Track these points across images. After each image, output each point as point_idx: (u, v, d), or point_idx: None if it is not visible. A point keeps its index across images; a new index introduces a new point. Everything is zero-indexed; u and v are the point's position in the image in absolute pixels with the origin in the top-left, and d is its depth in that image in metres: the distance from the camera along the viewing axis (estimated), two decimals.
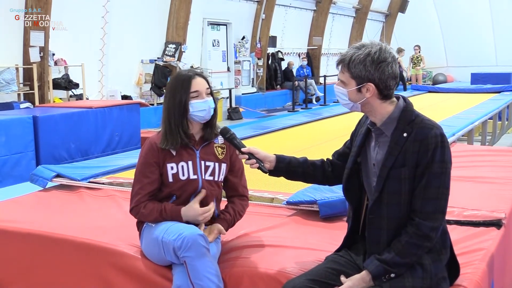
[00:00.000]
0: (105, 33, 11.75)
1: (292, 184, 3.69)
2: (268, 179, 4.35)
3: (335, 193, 3.70)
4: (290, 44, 19.31)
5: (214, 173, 2.94)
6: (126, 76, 12.53)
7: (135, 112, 9.23)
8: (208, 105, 2.86)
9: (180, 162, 2.88)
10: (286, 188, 4.22)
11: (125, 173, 5.03)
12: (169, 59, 13.25)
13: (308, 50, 20.29)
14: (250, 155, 2.68)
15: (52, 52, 10.25)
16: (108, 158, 5.94)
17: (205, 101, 2.85)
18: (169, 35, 13.55)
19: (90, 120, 8.33)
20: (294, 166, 2.76)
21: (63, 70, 10.75)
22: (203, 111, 2.86)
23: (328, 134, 7.33)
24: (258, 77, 17.39)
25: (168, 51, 13.36)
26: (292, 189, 4.11)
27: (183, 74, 2.91)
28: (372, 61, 2.37)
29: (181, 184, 2.86)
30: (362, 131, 2.58)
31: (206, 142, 2.97)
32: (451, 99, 12.12)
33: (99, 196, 4.36)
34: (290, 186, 4.20)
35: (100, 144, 8.50)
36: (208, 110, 2.86)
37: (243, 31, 16.70)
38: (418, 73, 19.67)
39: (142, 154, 2.92)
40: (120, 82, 12.23)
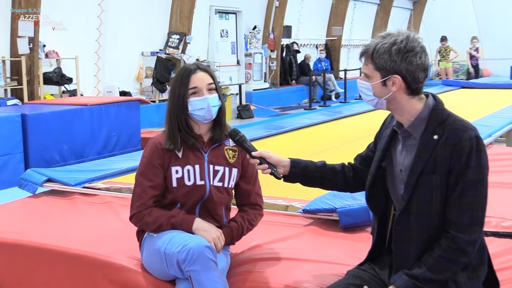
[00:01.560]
0: (102, 22, 11.79)
1: (309, 190, 3.68)
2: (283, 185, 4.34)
3: (357, 200, 3.69)
4: (306, 35, 19.29)
5: (223, 178, 2.94)
6: (125, 70, 12.56)
7: (134, 110, 9.25)
8: (207, 103, 2.85)
9: (186, 165, 2.88)
10: (303, 194, 4.21)
11: (123, 178, 5.04)
12: (173, 51, 13.28)
13: (327, 41, 20.25)
14: (262, 160, 2.68)
15: (42, 43, 10.28)
16: (105, 161, 5.96)
17: (203, 98, 2.85)
18: (172, 25, 13.58)
19: (85, 119, 8.36)
20: (311, 171, 2.75)
21: (55, 63, 10.78)
22: (202, 110, 2.86)
23: (349, 135, 7.31)
24: (271, 71, 17.38)
25: (171, 43, 13.39)
26: (309, 195, 4.11)
27: (184, 68, 2.92)
28: (398, 51, 2.36)
29: (187, 190, 2.86)
30: (387, 133, 2.56)
31: (216, 144, 2.97)
32: (487, 96, 12.05)
33: (94, 203, 4.37)
34: (306, 192, 4.19)
35: (96, 146, 8.53)
36: (207, 109, 2.85)
37: (255, 20, 16.70)
38: (447, 67, 19.59)
39: (145, 154, 2.93)
40: (118, 76, 12.26)
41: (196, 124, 2.94)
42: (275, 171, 2.67)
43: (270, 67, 17.37)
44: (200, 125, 2.94)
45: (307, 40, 19.41)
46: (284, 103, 17.09)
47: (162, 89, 12.81)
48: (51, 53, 10.56)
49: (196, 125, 2.94)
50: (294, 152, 3.93)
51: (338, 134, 7.62)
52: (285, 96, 17.28)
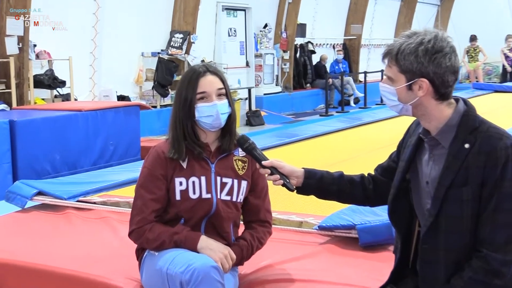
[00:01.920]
0: (98, 20, 11.85)
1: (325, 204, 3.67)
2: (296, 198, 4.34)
3: (378, 216, 3.69)
4: (322, 34, 19.30)
5: (232, 192, 2.94)
6: (123, 72, 12.61)
7: (134, 116, 9.27)
8: (215, 110, 2.86)
9: (191, 177, 2.88)
10: (318, 209, 4.21)
11: (122, 191, 5.05)
12: (176, 51, 13.32)
13: (345, 40, 20.27)
14: (273, 170, 2.67)
15: (33, 43, 10.33)
16: (101, 172, 5.97)
17: (212, 105, 2.85)
18: (175, 23, 13.62)
19: (79, 126, 8.38)
20: (327, 183, 2.75)
21: (46, 64, 10.82)
22: (210, 117, 2.87)
23: (370, 144, 7.30)
24: (283, 73, 17.40)
25: (174, 42, 13.43)
26: (325, 210, 4.10)
27: (192, 70, 2.93)
28: (426, 51, 2.35)
29: (191, 204, 2.87)
30: (412, 142, 2.55)
31: (224, 154, 2.98)
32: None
33: (90, 218, 4.38)
34: (322, 207, 4.18)
35: (91, 155, 8.55)
36: (216, 116, 2.86)
37: (266, 17, 16.73)
38: (477, 69, 19.54)
39: (147, 164, 2.93)
40: (116, 79, 12.30)
41: (203, 132, 2.94)
42: (287, 182, 2.67)
43: (282, 69, 17.38)
44: (207, 133, 2.94)
45: (323, 40, 19.42)
46: (298, 108, 17.09)
47: (164, 93, 12.84)
48: (42, 54, 10.60)
49: (203, 133, 2.94)
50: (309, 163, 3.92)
51: (357, 143, 7.60)
52: (299, 101, 17.28)
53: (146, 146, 9.03)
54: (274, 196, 3.14)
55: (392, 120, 9.40)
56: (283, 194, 3.96)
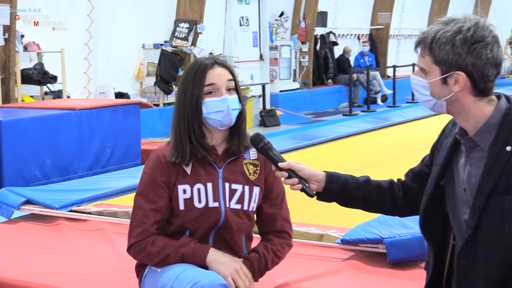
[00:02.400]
0: (93, 7, 11.88)
1: (349, 215, 3.67)
2: (316, 207, 4.32)
3: (409, 228, 3.68)
4: (346, 23, 19.28)
5: (242, 199, 2.94)
6: (122, 66, 12.63)
7: (133, 115, 9.28)
8: (226, 105, 2.85)
9: (196, 183, 2.88)
10: (341, 220, 4.20)
11: (120, 199, 5.06)
12: (181, 43, 13.35)
13: (371, 30, 20.23)
14: (291, 173, 2.66)
15: (20, 33, 10.38)
16: (97, 179, 5.99)
17: (222, 99, 2.85)
18: (180, 11, 13.65)
19: (72, 127, 8.40)
20: (351, 189, 2.74)
21: (35, 57, 10.85)
22: (220, 113, 2.86)
23: (400, 148, 7.29)
24: (302, 68, 17.39)
25: (179, 33, 13.46)
26: (349, 222, 4.10)
27: (198, 62, 2.92)
28: (464, 41, 2.33)
29: (197, 214, 2.86)
30: (448, 144, 2.54)
31: (233, 157, 2.96)
32: None
33: (84, 230, 4.39)
34: (346, 218, 4.18)
35: (86, 159, 8.57)
36: (227, 112, 2.86)
37: (282, 5, 16.73)
38: None
39: (146, 170, 2.93)
40: (114, 74, 12.33)
41: (209, 133, 2.92)
42: (307, 187, 2.65)
43: (300, 63, 17.37)
44: (213, 134, 2.93)
45: (346, 30, 19.39)
46: (318, 107, 17.07)
47: (167, 90, 12.87)
48: (31, 45, 10.63)
49: (209, 133, 2.92)
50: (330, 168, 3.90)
51: (386, 146, 7.59)
52: (319, 98, 17.27)
53: (147, 149, 9.02)
54: (291, 205, 3.14)
55: (425, 120, 9.39)
56: (301, 202, 3.95)
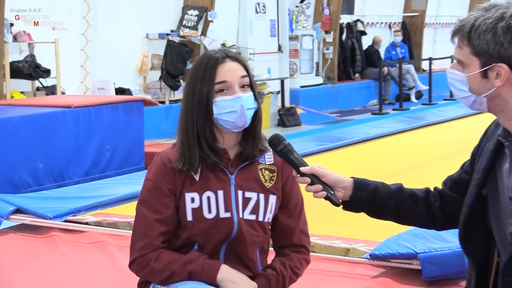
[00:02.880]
0: None
1: (379, 226, 3.66)
2: (341, 217, 4.32)
3: (447, 242, 3.67)
4: (375, 10, 19.26)
5: (257, 209, 2.93)
6: (123, 59, 12.65)
7: (136, 114, 9.29)
8: (240, 104, 2.83)
9: (205, 191, 2.87)
10: (370, 232, 4.19)
11: (121, 208, 5.07)
12: (189, 32, 13.36)
13: (405, 18, 20.19)
14: (314, 178, 2.66)
15: (9, 21, 10.40)
16: (95, 185, 6.00)
17: (235, 97, 2.83)
18: None
19: (67, 126, 8.41)
20: (382, 197, 2.73)
21: (26, 49, 10.87)
22: (233, 114, 2.84)
23: (436, 150, 7.27)
24: (325, 60, 17.37)
25: (188, 21, 13.48)
26: (379, 234, 4.10)
27: (207, 56, 2.91)
28: (507, 29, 2.32)
29: (206, 226, 2.86)
30: (490, 147, 2.53)
31: (247, 161, 2.95)
32: None
33: (81, 243, 4.40)
34: (376, 229, 4.17)
35: (83, 163, 8.58)
36: (241, 112, 2.84)
37: None
38: None
39: (150, 176, 2.93)
40: (114, 68, 12.34)
41: (220, 135, 2.91)
42: (332, 195, 2.64)
43: (324, 55, 17.36)
44: (225, 136, 2.92)
45: (376, 17, 19.37)
46: (344, 105, 17.07)
47: (174, 86, 12.89)
48: (21, 35, 10.63)
49: (220, 135, 2.92)
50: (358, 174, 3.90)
51: (420, 149, 7.57)
52: (345, 95, 17.26)
53: (151, 152, 9.04)
54: (312, 215, 3.14)
55: (465, 119, 9.36)
56: (325, 212, 3.95)
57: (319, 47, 17.22)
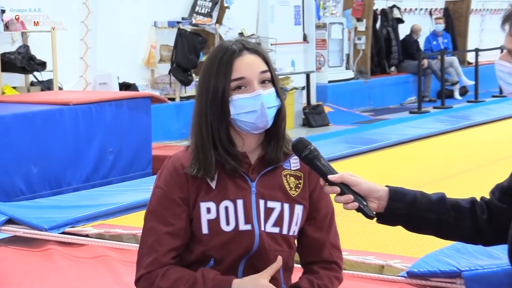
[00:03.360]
0: None
1: (418, 240, 3.66)
2: (375, 230, 4.32)
3: (494, 258, 3.66)
4: None
5: (281, 221, 2.91)
6: (128, 50, 12.71)
7: (142, 112, 9.31)
8: (260, 103, 2.81)
9: (223, 200, 2.87)
10: (407, 248, 4.19)
11: (125, 218, 5.09)
12: (203, 20, 13.38)
13: (447, 4, 20.14)
14: (344, 188, 2.66)
15: (1, 7, 10.44)
16: (96, 193, 6.02)
17: (255, 95, 2.82)
18: None
19: (65, 126, 8.42)
20: (421, 209, 2.73)
21: (19, 38, 10.93)
22: (252, 114, 2.83)
23: (483, 155, 7.24)
24: (357, 52, 17.37)
25: (201, 7, 13.49)
26: (417, 249, 4.10)
27: (223, 48, 2.90)
28: None
29: (224, 240, 2.86)
30: None
31: (270, 167, 2.93)
32: None
33: (80, 257, 4.41)
34: (414, 244, 4.16)
35: (82, 168, 8.59)
36: (262, 112, 2.82)
37: None
38: None
39: (160, 183, 2.92)
40: (118, 60, 12.39)
41: (239, 137, 2.91)
42: (364, 206, 2.64)
43: (355, 45, 17.35)
44: (244, 139, 2.90)
45: (415, 3, 19.34)
46: (378, 102, 17.06)
47: (185, 80, 12.90)
48: (14, 23, 10.68)
49: (239, 138, 2.91)
50: (394, 181, 3.91)
51: (465, 153, 7.55)
52: (379, 91, 17.25)
53: (159, 156, 9.06)
54: (343, 227, 3.14)
55: None
56: (356, 225, 3.95)
57: (350, 36, 17.21)
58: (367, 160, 7.27)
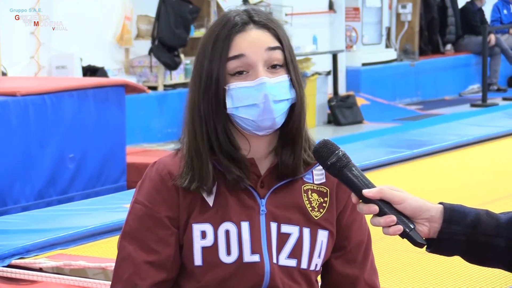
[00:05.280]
0: None
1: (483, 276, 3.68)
2: (425, 263, 4.35)
3: None
4: None
5: (299, 251, 2.92)
6: (95, 22, 12.78)
7: (114, 105, 9.34)
8: (263, 95, 2.80)
9: (222, 222, 2.87)
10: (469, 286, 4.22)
11: (91, 247, 5.11)
12: None
13: None
14: (384, 206, 2.65)
15: None
16: (52, 213, 6.04)
17: (257, 84, 2.80)
18: None
19: (10, 124, 8.48)
20: (486, 234, 2.71)
21: None
22: (253, 109, 2.81)
23: None
24: (401, 25, 17.42)
25: None
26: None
27: (223, 20, 2.89)
28: None
29: (224, 275, 2.86)
30: None
31: (285, 180, 2.93)
32: None
33: None
34: (478, 281, 4.19)
35: (34, 180, 8.64)
36: (265, 108, 2.80)
37: None
38: None
39: (140, 198, 2.92)
40: (80, 36, 12.47)
41: (243, 138, 2.92)
42: (411, 230, 2.64)
43: (399, 16, 17.39)
44: (250, 140, 2.91)
45: None
46: (428, 92, 17.11)
47: (171, 63, 12.94)
48: None
49: (243, 139, 2.92)
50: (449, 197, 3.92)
51: None
52: (430, 77, 17.30)
53: (137, 164, 9.11)
54: (382, 261, 3.16)
55: None
56: (399, 254, 3.99)
57: (391, 4, 17.25)
58: (414, 169, 7.29)
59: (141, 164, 8.70)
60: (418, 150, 7.78)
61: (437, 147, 7.94)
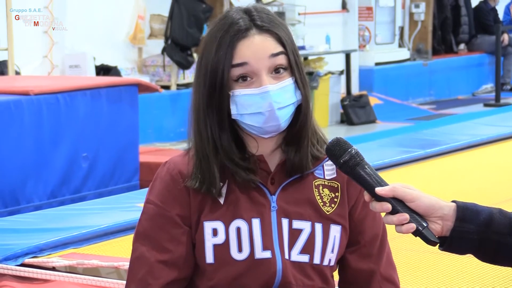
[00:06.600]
0: None
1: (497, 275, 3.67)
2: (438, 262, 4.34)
3: None
4: None
5: (312, 247, 2.92)
6: (108, 22, 12.81)
7: (127, 105, 9.33)
8: (267, 103, 2.80)
9: (233, 220, 2.88)
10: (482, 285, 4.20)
11: (104, 246, 5.11)
12: None
13: None
14: (397, 204, 2.65)
15: None
16: (65, 212, 6.04)
17: (260, 92, 2.80)
18: None
19: (23, 123, 8.48)
20: (500, 232, 2.69)
21: None
22: (258, 117, 2.82)
23: None
24: (414, 24, 17.38)
25: None
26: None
27: (227, 21, 2.87)
28: None
29: (236, 272, 2.87)
30: None
31: (296, 175, 2.94)
32: None
33: None
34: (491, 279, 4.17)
35: (47, 179, 8.63)
36: (270, 115, 2.80)
37: None
38: None
39: (152, 198, 2.94)
40: (94, 35, 12.48)
41: (252, 138, 2.93)
42: (424, 229, 2.63)
43: (412, 15, 17.36)
44: (258, 140, 2.93)
45: None
46: (441, 92, 17.07)
47: (184, 62, 12.93)
48: None
49: (252, 139, 2.95)
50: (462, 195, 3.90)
51: None
52: (444, 77, 17.26)
53: (150, 163, 9.10)
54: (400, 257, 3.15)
55: None
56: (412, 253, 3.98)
57: (405, 3, 17.22)
58: (427, 169, 7.27)
59: (154, 163, 8.70)
60: (431, 150, 7.76)
61: (450, 146, 7.93)
